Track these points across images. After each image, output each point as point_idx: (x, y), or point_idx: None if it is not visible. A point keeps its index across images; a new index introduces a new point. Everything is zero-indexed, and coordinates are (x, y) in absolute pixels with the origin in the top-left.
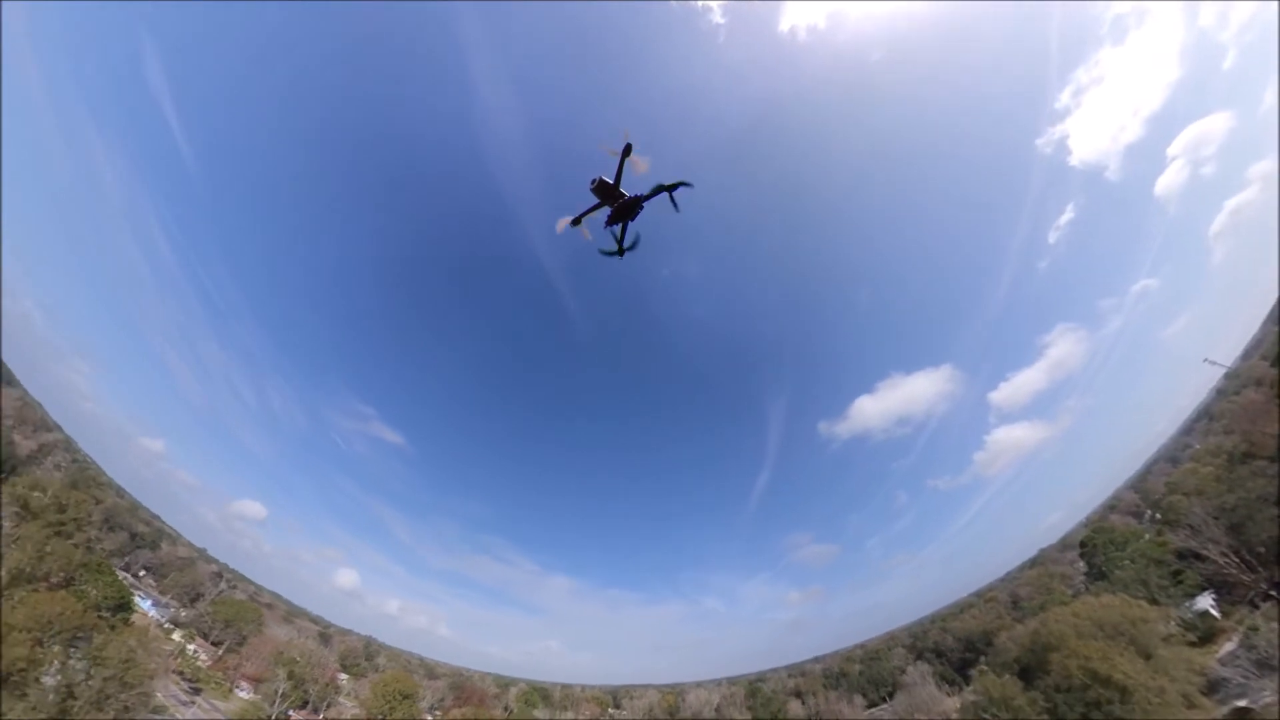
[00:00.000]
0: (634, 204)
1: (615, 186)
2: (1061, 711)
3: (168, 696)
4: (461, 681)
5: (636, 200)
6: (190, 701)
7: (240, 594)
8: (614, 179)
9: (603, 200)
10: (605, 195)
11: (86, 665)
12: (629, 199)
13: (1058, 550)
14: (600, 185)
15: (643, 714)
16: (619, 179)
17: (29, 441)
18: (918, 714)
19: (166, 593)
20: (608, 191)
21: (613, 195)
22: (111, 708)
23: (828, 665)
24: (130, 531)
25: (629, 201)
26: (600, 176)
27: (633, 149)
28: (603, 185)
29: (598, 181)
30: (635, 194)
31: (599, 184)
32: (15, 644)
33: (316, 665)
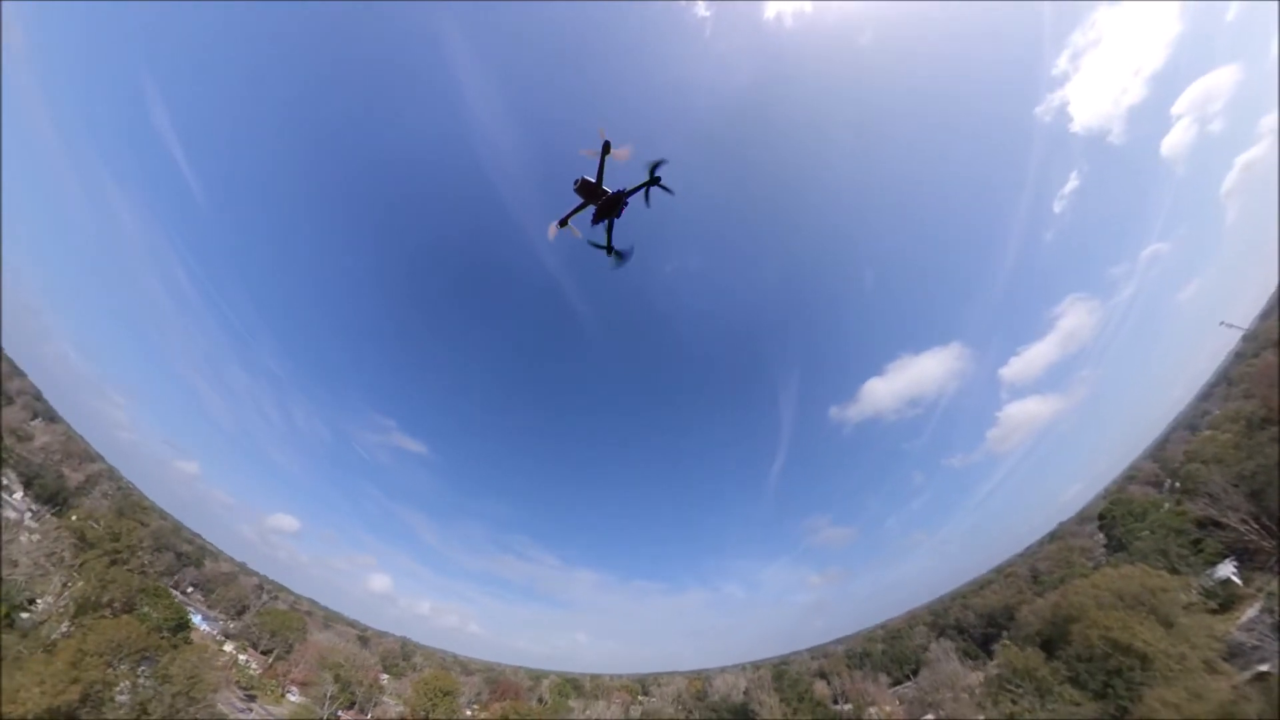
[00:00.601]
0: (616, 200)
1: (598, 185)
2: (1083, 680)
3: (227, 705)
4: (495, 676)
5: (619, 195)
6: (247, 708)
7: (281, 604)
8: (596, 177)
9: (587, 199)
10: (589, 194)
11: (155, 683)
12: (610, 195)
13: (1077, 523)
14: (583, 185)
15: (671, 700)
16: (601, 177)
17: (77, 474)
18: (942, 689)
19: (214, 607)
20: (591, 190)
21: (596, 194)
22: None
23: (850, 646)
24: (176, 551)
25: (611, 198)
26: (583, 176)
27: (611, 146)
28: (585, 185)
29: (580, 181)
30: (618, 189)
31: (582, 184)
32: (90, 668)
33: (360, 667)
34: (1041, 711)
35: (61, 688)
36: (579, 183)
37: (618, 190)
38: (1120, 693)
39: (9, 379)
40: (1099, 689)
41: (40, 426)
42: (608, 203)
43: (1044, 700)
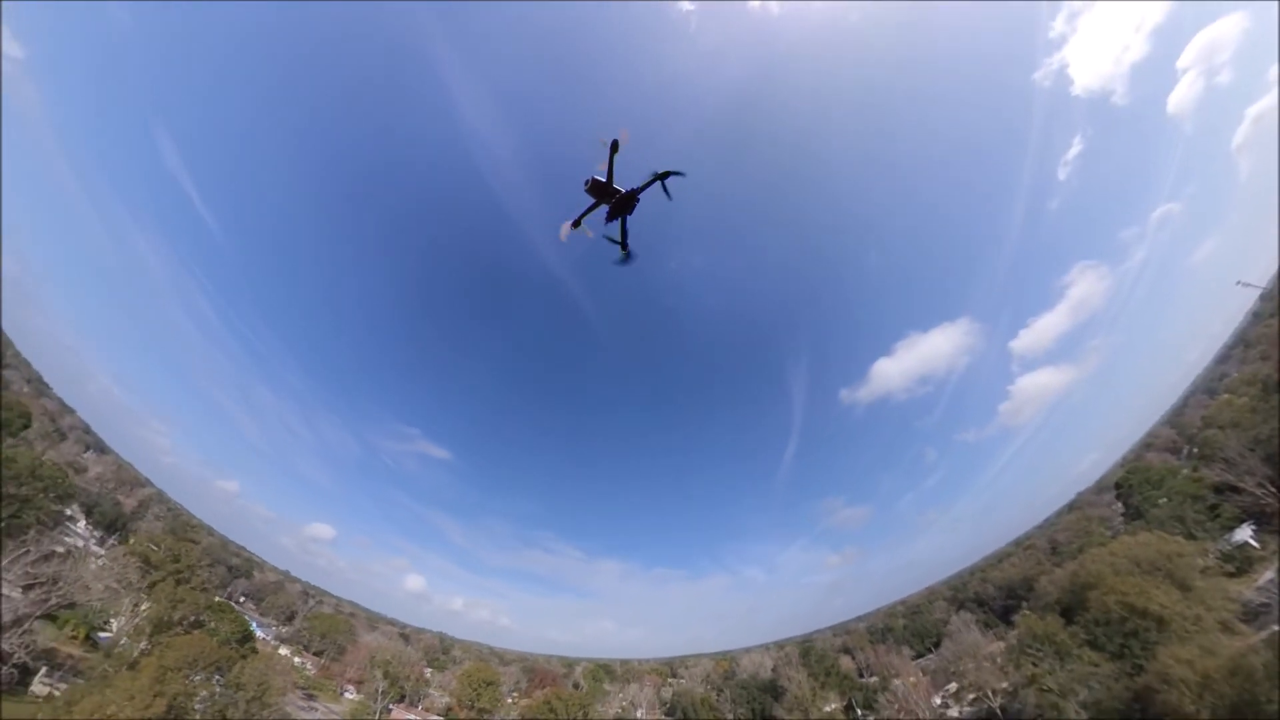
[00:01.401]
0: (630, 198)
1: (609, 184)
2: (1101, 643)
3: (291, 706)
4: (531, 665)
5: (632, 194)
6: (310, 707)
7: (326, 608)
8: (606, 177)
9: (599, 199)
10: (600, 194)
11: (230, 692)
12: (624, 194)
13: (1095, 493)
14: (594, 185)
15: (701, 680)
16: (611, 176)
17: (130, 500)
18: (964, 658)
19: (266, 615)
20: (602, 190)
21: (608, 193)
22: None
23: (871, 623)
24: (226, 565)
25: (624, 196)
26: (593, 176)
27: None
28: (596, 184)
29: (591, 181)
30: (630, 188)
31: (593, 184)
32: (171, 682)
33: (406, 664)
34: (1061, 673)
35: (148, 701)
36: (590, 183)
37: (630, 189)
38: (1136, 653)
39: (58, 416)
40: (1116, 650)
41: (92, 458)
42: (621, 201)
43: (1063, 662)
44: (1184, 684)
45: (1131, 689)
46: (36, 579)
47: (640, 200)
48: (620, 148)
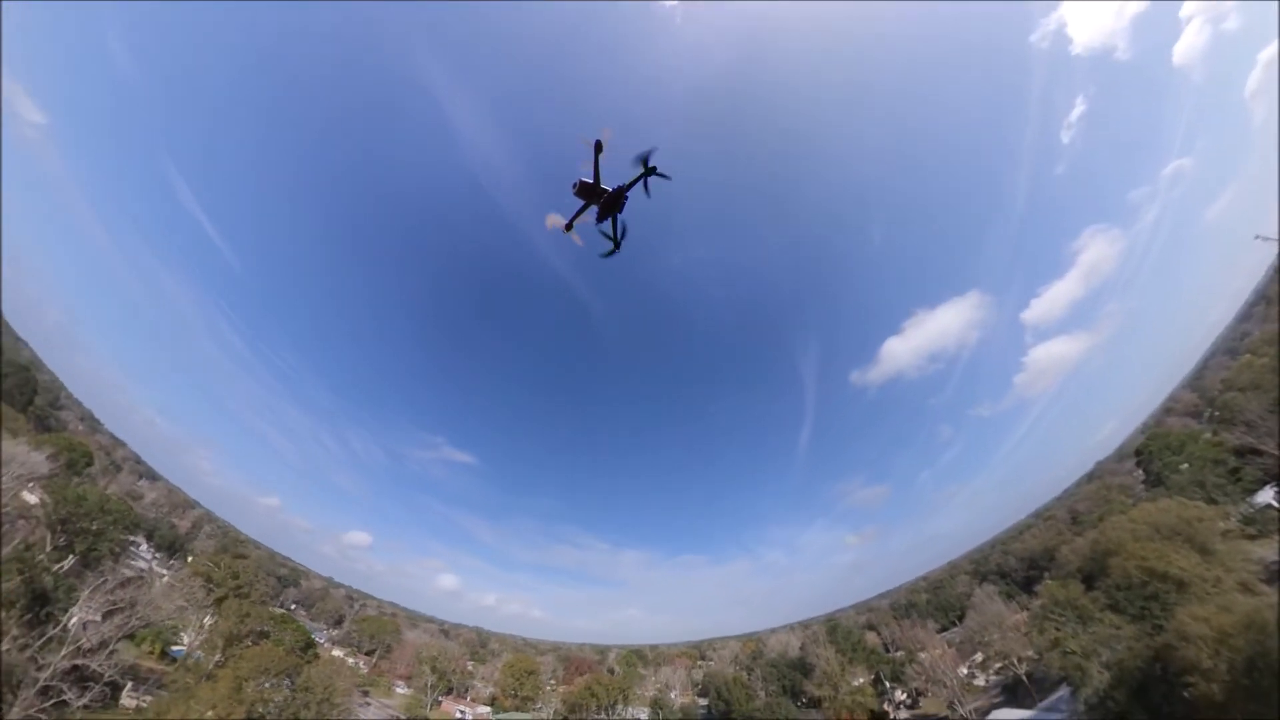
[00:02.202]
0: (617, 196)
1: (596, 184)
2: (1122, 606)
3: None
4: (566, 654)
5: (620, 191)
6: (366, 703)
7: (370, 610)
8: (593, 178)
9: (588, 200)
10: (589, 195)
11: (301, 695)
12: (612, 192)
13: (1115, 461)
14: (582, 187)
15: (730, 661)
16: (597, 177)
17: (183, 521)
18: (989, 628)
19: (316, 619)
20: (590, 191)
21: (596, 193)
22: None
23: (894, 599)
24: (275, 575)
25: (612, 195)
26: (580, 179)
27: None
28: (585, 186)
29: (579, 184)
30: (617, 186)
31: (580, 186)
32: (247, 689)
33: (450, 659)
34: (1084, 636)
35: (229, 709)
36: (577, 185)
37: (617, 187)
38: (1156, 614)
39: (112, 450)
40: (1137, 613)
41: (146, 486)
42: (609, 200)
43: (1085, 626)
44: (1201, 640)
45: (1151, 648)
46: (116, 604)
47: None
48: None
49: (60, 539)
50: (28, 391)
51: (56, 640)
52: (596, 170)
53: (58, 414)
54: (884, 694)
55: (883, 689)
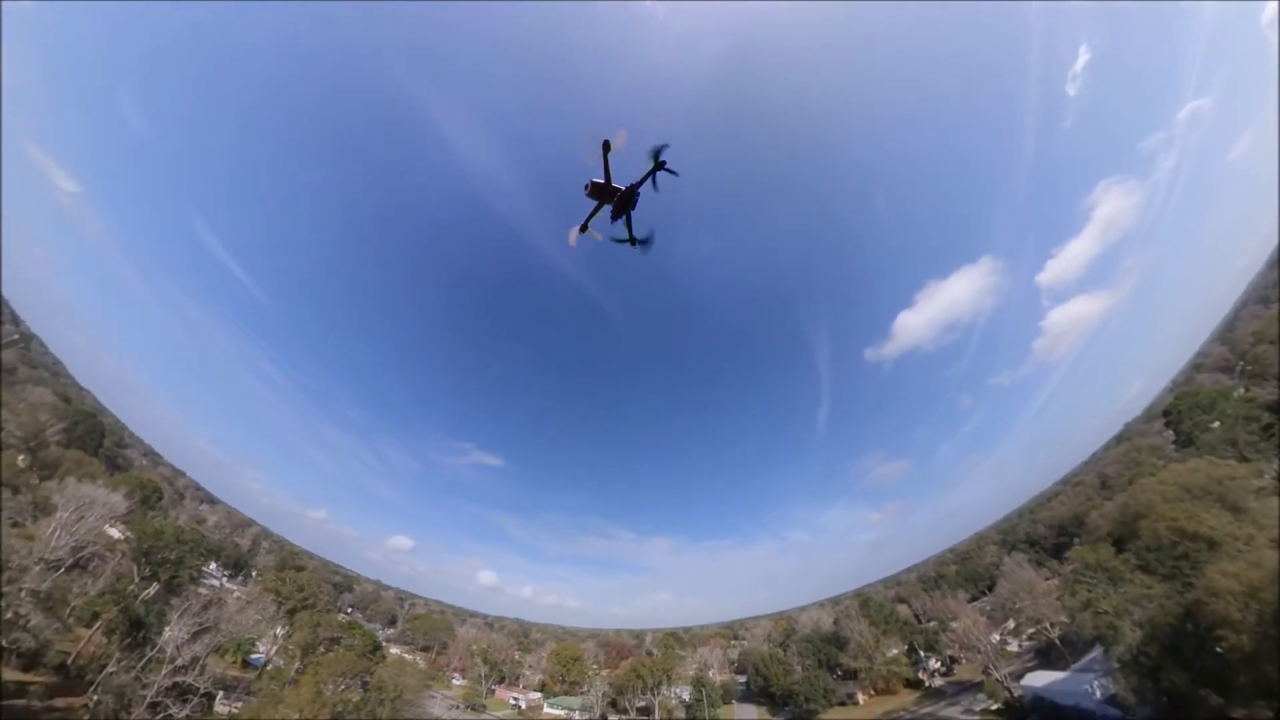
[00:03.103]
0: (630, 193)
1: (607, 183)
2: (1152, 566)
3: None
4: (604, 640)
5: (631, 189)
6: (429, 695)
7: (418, 609)
8: (604, 177)
9: (601, 200)
10: (601, 195)
11: (376, 694)
12: (624, 191)
13: (1144, 422)
14: (594, 188)
15: (763, 639)
16: (608, 176)
17: (244, 539)
18: (1020, 595)
19: (372, 620)
20: (603, 191)
21: (608, 192)
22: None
23: (922, 572)
24: (331, 583)
25: (625, 193)
26: (591, 180)
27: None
28: (596, 187)
29: (590, 185)
30: (629, 184)
31: (592, 187)
32: (329, 692)
33: (500, 650)
34: (1115, 596)
35: (314, 711)
36: (589, 187)
37: (629, 185)
38: (1186, 573)
39: (174, 480)
40: (1168, 572)
41: (208, 510)
42: (622, 199)
43: (1116, 586)
44: (1230, 594)
45: (1182, 605)
46: (203, 625)
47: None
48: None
49: (145, 570)
50: (96, 436)
51: (155, 660)
52: (607, 170)
53: (124, 452)
54: (918, 663)
55: (917, 658)
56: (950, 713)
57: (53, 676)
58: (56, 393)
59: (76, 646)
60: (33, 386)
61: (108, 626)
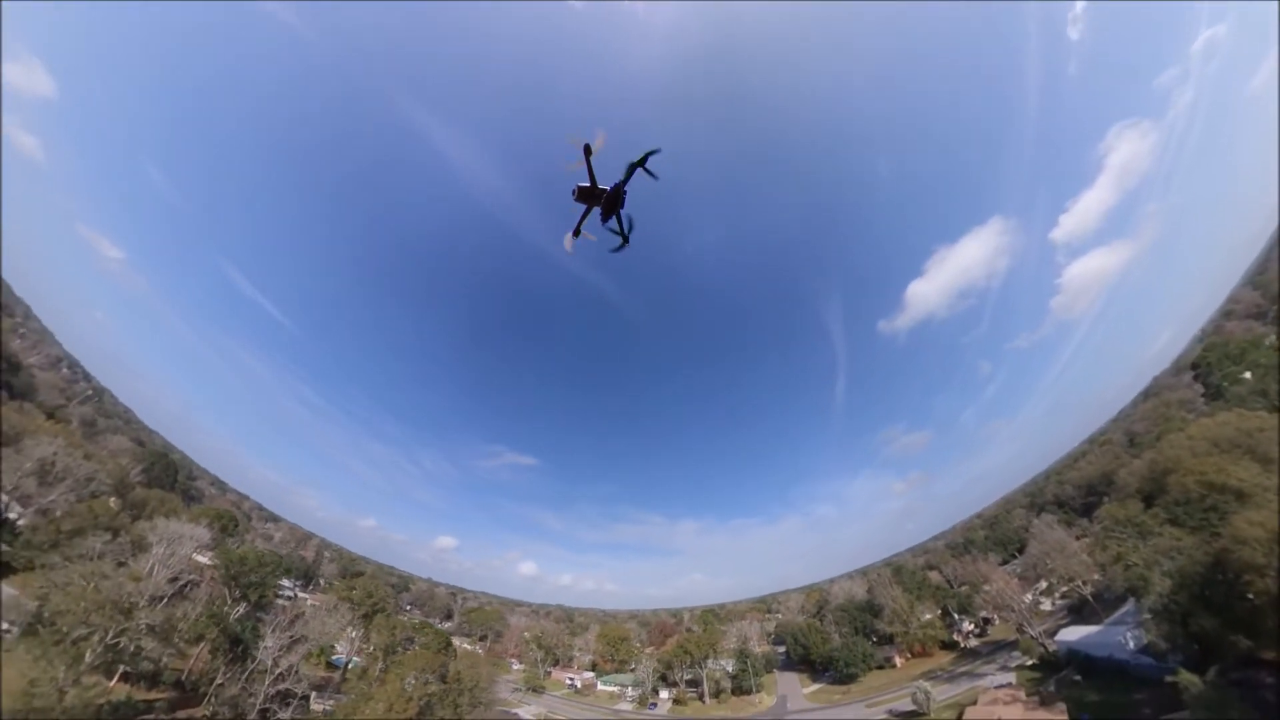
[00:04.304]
0: (616, 193)
1: (593, 186)
2: (1181, 520)
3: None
4: (644, 620)
5: (617, 188)
6: (497, 682)
7: (470, 602)
8: (589, 181)
9: (590, 203)
10: (589, 198)
11: (455, 686)
12: (610, 191)
13: (1172, 375)
14: (581, 192)
15: (797, 611)
16: (593, 179)
17: (308, 551)
18: (1051, 555)
19: (430, 616)
20: (589, 194)
21: (595, 195)
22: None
23: (950, 539)
24: (388, 584)
25: (611, 193)
26: (578, 185)
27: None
28: (583, 190)
29: (578, 190)
30: (614, 183)
31: (579, 192)
32: (414, 688)
33: (551, 635)
34: (1145, 549)
35: (404, 706)
36: (577, 192)
37: (615, 184)
38: (1214, 524)
39: (239, 503)
40: (1197, 524)
41: (273, 528)
42: (610, 199)
43: (1145, 540)
44: (1255, 542)
45: (1210, 553)
46: (295, 637)
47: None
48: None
49: (235, 592)
50: (170, 472)
51: (258, 671)
52: (590, 172)
53: (194, 484)
54: (952, 625)
55: (951, 621)
56: (986, 670)
57: (171, 692)
58: (131, 438)
59: (187, 664)
60: (111, 435)
61: (212, 645)
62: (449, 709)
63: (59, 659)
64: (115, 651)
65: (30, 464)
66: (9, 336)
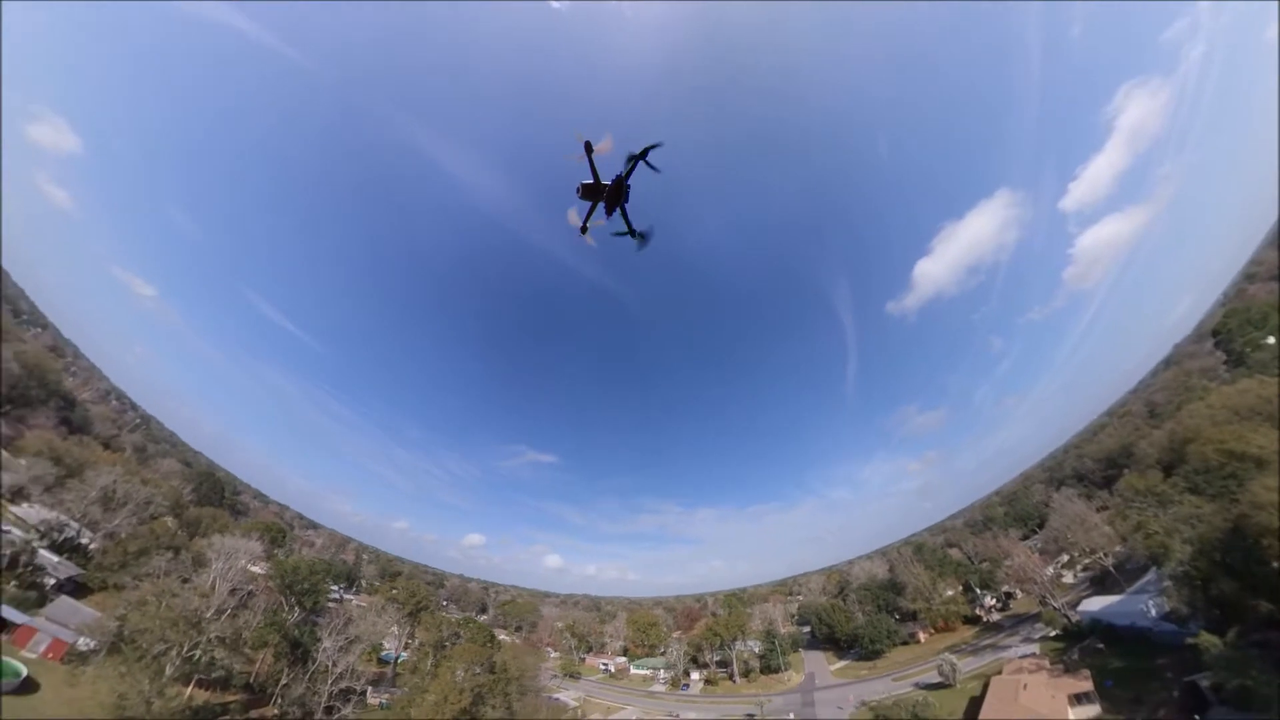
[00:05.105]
0: (618, 186)
1: (596, 182)
2: (1201, 488)
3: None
4: (669, 606)
5: (619, 181)
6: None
7: (503, 596)
8: (592, 177)
9: (594, 199)
10: (593, 194)
11: (503, 676)
12: (611, 185)
13: (1194, 342)
14: (585, 189)
15: (819, 592)
16: (596, 174)
17: (348, 555)
18: (1073, 528)
19: (465, 610)
20: (592, 190)
21: (598, 191)
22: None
23: (968, 517)
24: (424, 582)
25: (613, 187)
26: (581, 183)
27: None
28: (587, 188)
29: (581, 188)
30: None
31: (583, 189)
32: (466, 680)
33: (583, 624)
34: (1164, 517)
35: (458, 697)
36: (580, 189)
37: (616, 177)
38: (1234, 491)
39: (281, 513)
40: (1217, 492)
41: (314, 534)
42: (612, 193)
43: (1165, 509)
44: (1273, 507)
45: (1229, 519)
46: (351, 639)
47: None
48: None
49: (291, 599)
50: (218, 489)
51: (320, 671)
52: (593, 169)
53: (239, 499)
54: (975, 600)
55: (973, 596)
56: (1010, 642)
57: (243, 694)
58: (179, 460)
59: (254, 668)
60: (161, 458)
61: (274, 650)
62: (499, 698)
63: (142, 673)
64: (191, 663)
65: (94, 492)
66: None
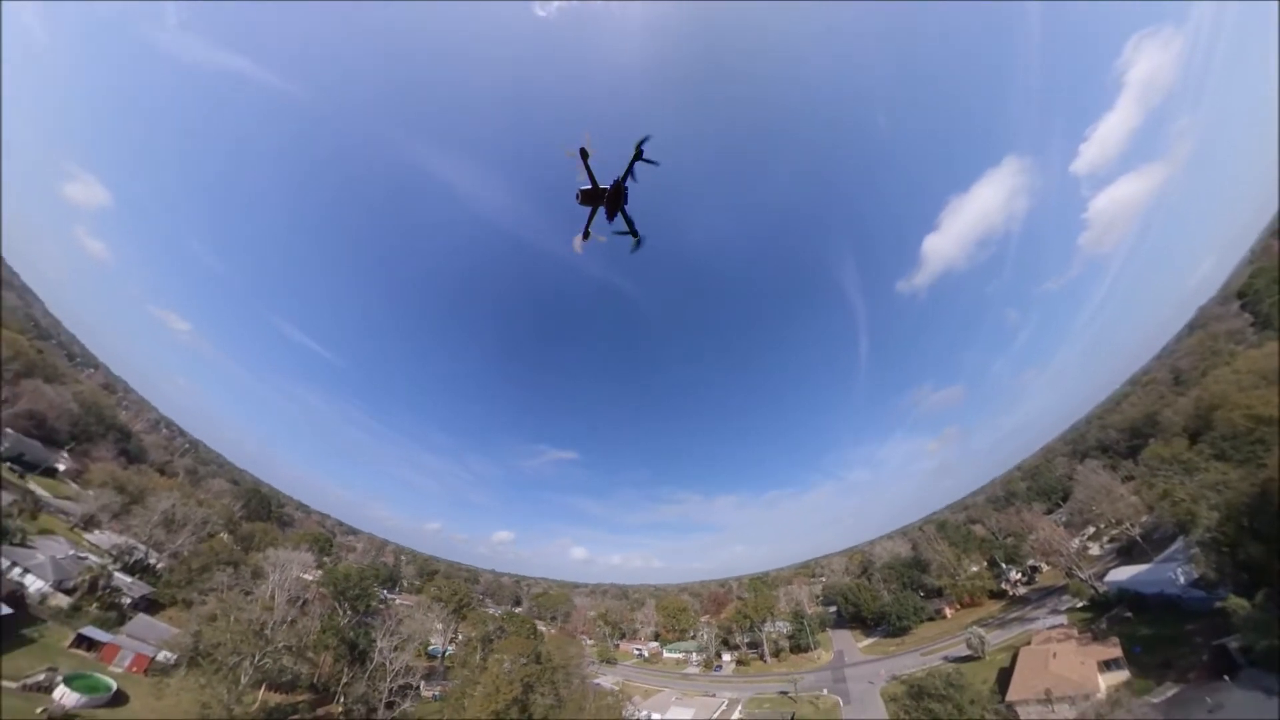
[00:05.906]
0: (617, 189)
1: (594, 186)
2: (1228, 454)
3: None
4: (695, 591)
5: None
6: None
7: (536, 588)
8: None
9: (594, 204)
10: (592, 199)
11: (547, 664)
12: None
13: (1219, 304)
14: (584, 194)
15: (842, 573)
16: (593, 180)
17: (387, 557)
18: (1098, 500)
19: (501, 603)
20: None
21: (598, 195)
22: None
23: (990, 494)
24: (461, 579)
25: (612, 190)
26: (580, 189)
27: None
28: (585, 193)
29: (580, 193)
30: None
31: (582, 194)
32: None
33: (613, 612)
34: (1191, 484)
35: (509, 688)
36: (579, 195)
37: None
38: (1261, 456)
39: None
40: (1244, 457)
41: (354, 539)
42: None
43: (1191, 476)
44: None
45: (1256, 484)
46: (404, 639)
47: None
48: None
49: (344, 604)
50: (265, 504)
51: (379, 670)
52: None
53: (284, 510)
54: (1000, 575)
55: (998, 571)
56: (1037, 614)
57: (309, 695)
58: (227, 479)
59: (316, 670)
60: (210, 479)
61: (334, 653)
62: (547, 686)
63: (221, 683)
64: (262, 670)
65: (157, 516)
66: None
